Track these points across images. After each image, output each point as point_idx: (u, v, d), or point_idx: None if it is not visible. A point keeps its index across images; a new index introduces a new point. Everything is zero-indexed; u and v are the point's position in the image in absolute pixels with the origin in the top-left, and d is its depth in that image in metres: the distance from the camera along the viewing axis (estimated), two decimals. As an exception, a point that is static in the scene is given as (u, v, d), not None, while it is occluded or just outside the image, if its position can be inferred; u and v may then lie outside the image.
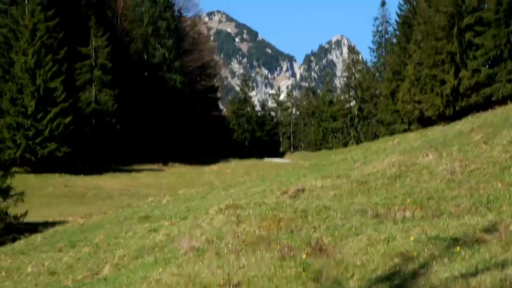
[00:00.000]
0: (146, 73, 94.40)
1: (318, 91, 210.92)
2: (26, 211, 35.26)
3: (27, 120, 61.43)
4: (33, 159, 62.08)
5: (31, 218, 36.06)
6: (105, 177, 62.52)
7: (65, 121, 62.80)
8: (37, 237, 29.14)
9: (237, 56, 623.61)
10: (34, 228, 33.79)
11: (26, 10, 66.33)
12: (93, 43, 75.37)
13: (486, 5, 79.37)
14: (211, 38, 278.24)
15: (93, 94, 74.77)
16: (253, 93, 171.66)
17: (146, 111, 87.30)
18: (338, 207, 14.74)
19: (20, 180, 53.18)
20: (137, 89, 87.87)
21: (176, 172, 72.84)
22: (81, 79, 74.60)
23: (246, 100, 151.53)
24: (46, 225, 34.68)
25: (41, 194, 49.06)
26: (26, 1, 68.26)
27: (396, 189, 15.59)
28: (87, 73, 75.05)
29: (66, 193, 50.64)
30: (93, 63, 75.19)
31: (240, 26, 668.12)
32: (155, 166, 77.47)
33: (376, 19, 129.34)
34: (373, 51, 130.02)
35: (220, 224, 15.63)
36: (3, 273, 20.97)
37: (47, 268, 19.59)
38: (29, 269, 20.42)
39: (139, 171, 70.93)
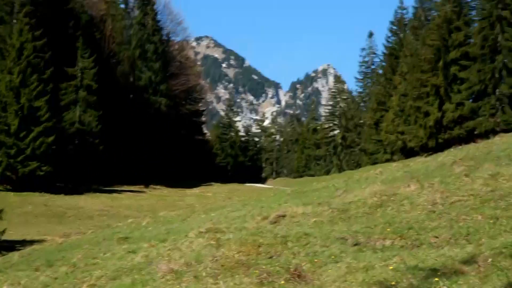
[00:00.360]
0: (131, 95, 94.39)
1: (303, 118, 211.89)
2: (5, 229, 34.92)
3: (9, 138, 61.11)
4: (14, 178, 61.71)
5: (9, 236, 35.71)
6: (86, 197, 62.21)
7: (48, 140, 62.52)
8: (14, 256, 28.87)
9: (224, 82, 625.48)
10: (11, 246, 33.49)
11: (14, 29, 66.22)
12: (80, 64, 75.28)
13: (472, 40, 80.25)
14: (198, 63, 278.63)
15: (77, 115, 74.54)
16: (237, 119, 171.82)
17: (130, 133, 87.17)
18: (318, 234, 14.73)
19: (0, 198, 53.02)
20: (122, 111, 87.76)
21: (158, 194, 72.65)
22: (66, 99, 74.37)
23: (231, 125, 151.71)
24: (24, 243, 34.41)
25: (20, 212, 48.69)
26: (14, 21, 68.19)
27: (376, 218, 15.61)
28: (72, 94, 74.86)
29: (46, 212, 50.28)
30: (79, 84, 75.02)
31: (227, 52, 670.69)
32: (137, 188, 77.27)
33: (363, 49, 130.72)
34: (359, 81, 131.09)
35: (200, 247, 15.57)
36: (-22, 291, 20.74)
37: (23, 287, 19.40)
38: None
39: (120, 192, 70.72)
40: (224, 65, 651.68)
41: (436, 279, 9.40)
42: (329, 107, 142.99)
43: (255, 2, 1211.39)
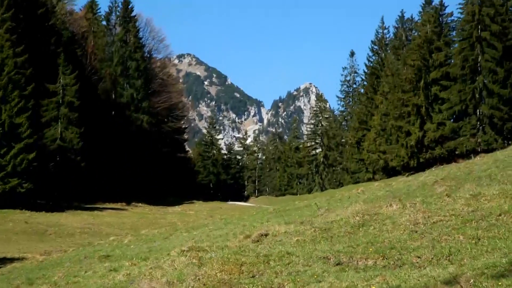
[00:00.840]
0: (113, 112, 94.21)
1: (285, 137, 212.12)
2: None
3: (-10, 155, 60.80)
4: (-6, 194, 61.29)
5: (-11, 254, 35.47)
6: (67, 215, 61.82)
7: (28, 157, 62.16)
8: (-6, 273, 28.65)
9: (206, 99, 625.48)
10: (-9, 264, 33.20)
11: (-5, 45, 66.01)
12: (61, 81, 75.05)
13: (452, 61, 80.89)
14: (180, 80, 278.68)
15: (59, 131, 74.25)
16: (220, 136, 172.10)
17: (111, 150, 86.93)
18: (300, 253, 14.72)
19: (-20, 215, 52.63)
20: (104, 128, 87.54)
21: (139, 212, 72.39)
22: (47, 116, 74.06)
23: (213, 143, 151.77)
24: (4, 261, 34.10)
25: (0, 229, 48.32)
26: (-5, 37, 67.98)
27: (359, 238, 15.61)
28: (54, 110, 74.56)
29: (26, 230, 49.91)
30: (60, 100, 74.77)
31: (209, 70, 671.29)
32: (118, 205, 77.00)
33: (344, 68, 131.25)
34: (341, 100, 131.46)
35: (182, 266, 15.51)
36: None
37: (3, 305, 19.26)
38: (-16, 306, 20.04)
39: (101, 209, 70.39)
40: (206, 82, 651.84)
41: (419, 299, 9.41)
42: (311, 126, 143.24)
43: (238, 20, 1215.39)
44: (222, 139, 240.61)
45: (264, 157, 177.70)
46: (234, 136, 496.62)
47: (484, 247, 12.46)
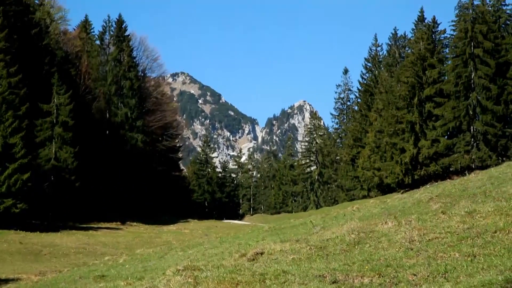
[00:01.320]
0: (107, 131, 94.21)
1: (280, 154, 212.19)
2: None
3: (-16, 175, 60.63)
4: (-12, 215, 61.07)
5: (-17, 275, 35.32)
6: (62, 235, 61.64)
7: (23, 177, 62.00)
8: (-11, 295, 28.52)
9: (200, 118, 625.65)
10: (-14, 285, 33.06)
11: (-12, 66, 66.02)
12: (55, 100, 75.05)
13: (446, 77, 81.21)
14: (175, 99, 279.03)
15: (53, 151, 74.16)
16: (214, 155, 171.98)
17: (106, 169, 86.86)
18: (296, 272, 14.69)
19: (-26, 236, 52.41)
20: (98, 147, 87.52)
21: (134, 231, 72.20)
22: (41, 136, 74.00)
23: (207, 161, 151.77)
24: (-1, 282, 33.99)
25: (-5, 250, 48.19)
26: (-12, 57, 68.01)
27: (354, 256, 15.60)
28: (48, 130, 74.50)
29: (21, 250, 49.74)
30: (54, 120, 74.74)
31: (203, 88, 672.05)
32: (113, 225, 76.80)
33: (338, 86, 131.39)
34: (335, 117, 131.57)
35: (177, 285, 15.46)
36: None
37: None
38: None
39: (96, 229, 70.20)
40: (200, 101, 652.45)
41: (415, 317, 9.40)
42: (306, 143, 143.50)
43: (231, 39, 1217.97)
44: (217, 157, 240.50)
45: (258, 175, 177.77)
46: (229, 154, 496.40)
47: (480, 264, 12.46)
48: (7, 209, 60.77)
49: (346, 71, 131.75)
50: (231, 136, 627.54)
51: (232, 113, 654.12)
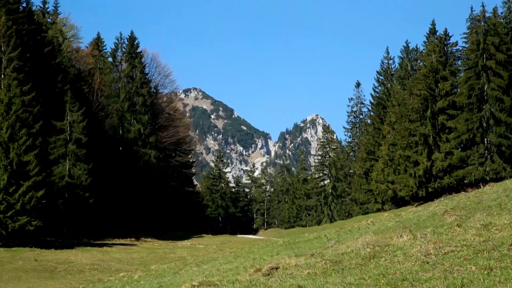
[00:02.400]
0: (121, 148, 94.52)
1: (293, 168, 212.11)
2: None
3: (-2, 193, 60.76)
4: (3, 233, 61.19)
5: (-1, 292, 35.38)
6: (76, 251, 61.70)
7: (37, 194, 62.12)
8: (5, 313, 28.57)
9: (213, 133, 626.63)
10: (1, 303, 33.12)
11: (2, 85, 66.34)
12: (69, 118, 75.38)
13: (459, 90, 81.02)
14: (187, 115, 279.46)
15: (67, 168, 74.43)
16: (227, 170, 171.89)
17: (120, 186, 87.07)
18: (312, 286, 14.66)
19: (-11, 254, 52.52)
20: (112, 164, 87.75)
21: (149, 247, 72.19)
22: (55, 153, 74.29)
23: (221, 176, 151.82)
24: (14, 300, 34.04)
25: (10, 268, 48.22)
26: (2, 76, 68.38)
27: (370, 270, 15.55)
28: (62, 147, 74.81)
29: (36, 268, 49.79)
30: (68, 137, 75.05)
31: (216, 103, 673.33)
32: (127, 241, 76.82)
33: (351, 99, 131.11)
34: (348, 131, 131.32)
35: (193, 302, 15.46)
36: None
37: None
38: None
39: (111, 245, 70.24)
40: (213, 116, 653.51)
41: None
42: (319, 157, 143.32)
43: (243, 53, 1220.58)
44: (230, 172, 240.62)
45: (272, 190, 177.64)
46: (242, 169, 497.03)
47: (496, 277, 12.40)
48: (22, 226, 60.89)
49: (358, 85, 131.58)
50: (244, 151, 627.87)
51: (245, 128, 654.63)
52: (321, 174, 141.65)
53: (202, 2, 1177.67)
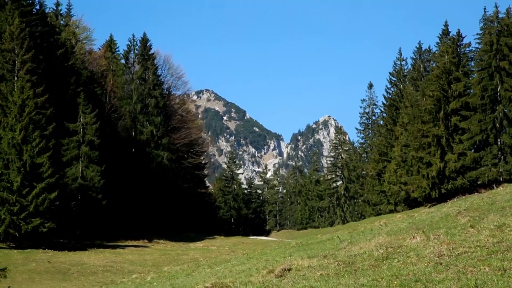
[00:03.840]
0: (133, 149, 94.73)
1: (305, 170, 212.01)
2: (9, 287, 34.75)
3: (12, 195, 60.83)
4: (17, 235, 61.40)
5: (12, 294, 35.49)
6: (89, 253, 61.84)
7: (50, 196, 62.28)
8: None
9: (225, 134, 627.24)
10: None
11: (15, 87, 66.59)
12: (81, 120, 75.59)
13: (472, 91, 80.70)
14: (199, 116, 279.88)
15: (80, 170, 74.63)
16: (240, 171, 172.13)
17: (132, 187, 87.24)
18: (325, 288, 14.64)
19: (3, 256, 52.72)
20: (124, 165, 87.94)
21: (161, 249, 72.28)
22: (68, 155, 74.51)
23: (233, 178, 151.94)
24: (28, 301, 34.15)
25: (23, 270, 48.41)
26: (15, 78, 68.61)
27: (383, 271, 15.51)
28: (75, 149, 75.03)
29: (49, 269, 49.96)
30: (81, 139, 75.26)
31: (228, 105, 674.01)
32: (140, 242, 76.93)
33: (363, 101, 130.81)
34: (360, 132, 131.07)
35: (206, 303, 15.46)
36: None
37: None
38: None
39: (123, 247, 70.36)
40: (225, 118, 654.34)
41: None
42: (331, 158, 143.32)
43: (255, 55, 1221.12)
44: (242, 173, 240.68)
45: (284, 191, 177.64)
46: (254, 171, 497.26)
47: (510, 278, 12.35)
48: (35, 228, 61.07)
49: (370, 86, 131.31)
50: (256, 152, 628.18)
51: (257, 129, 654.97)
52: (333, 176, 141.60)
53: (214, 2, 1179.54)
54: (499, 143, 76.74)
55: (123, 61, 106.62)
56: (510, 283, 12.00)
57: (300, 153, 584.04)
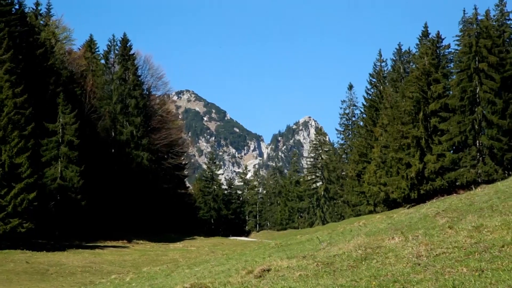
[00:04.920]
0: (113, 150, 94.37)
1: (285, 171, 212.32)
2: (-14, 288, 34.50)
3: (-10, 195, 60.56)
4: (-5, 235, 61.01)
5: (-10, 295, 35.23)
6: (68, 254, 61.49)
7: (29, 197, 61.91)
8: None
9: (205, 135, 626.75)
10: (-8, 305, 33.00)
11: (-6, 86, 66.17)
12: (61, 120, 75.16)
13: (451, 92, 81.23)
14: (180, 117, 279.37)
15: (59, 170, 74.23)
16: (220, 172, 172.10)
17: (112, 188, 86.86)
18: (303, 289, 14.66)
19: (-19, 256, 52.26)
20: (104, 166, 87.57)
21: (141, 249, 72.06)
22: (47, 155, 74.07)
23: (213, 179, 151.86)
24: (6, 302, 33.92)
25: (1, 270, 48.04)
26: (-6, 77, 68.19)
27: (362, 271, 15.56)
28: (54, 149, 74.60)
29: (27, 270, 49.63)
30: (60, 140, 74.84)
31: (208, 105, 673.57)
32: (119, 243, 76.64)
33: (343, 102, 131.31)
34: (340, 133, 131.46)
35: (185, 304, 15.44)
36: None
37: None
38: None
39: (102, 247, 70.07)
40: (205, 118, 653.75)
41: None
42: (311, 159, 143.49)
43: (236, 56, 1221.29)
44: (222, 174, 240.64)
45: (264, 192, 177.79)
46: (234, 171, 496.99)
47: (488, 279, 12.42)
48: (14, 228, 60.66)
49: (351, 87, 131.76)
50: (236, 153, 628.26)
51: (238, 130, 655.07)
52: (313, 176, 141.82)
53: (195, 5, 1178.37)
54: (477, 144, 77.24)
55: (103, 61, 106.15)
56: (487, 283, 12.08)
57: (280, 154, 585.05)
